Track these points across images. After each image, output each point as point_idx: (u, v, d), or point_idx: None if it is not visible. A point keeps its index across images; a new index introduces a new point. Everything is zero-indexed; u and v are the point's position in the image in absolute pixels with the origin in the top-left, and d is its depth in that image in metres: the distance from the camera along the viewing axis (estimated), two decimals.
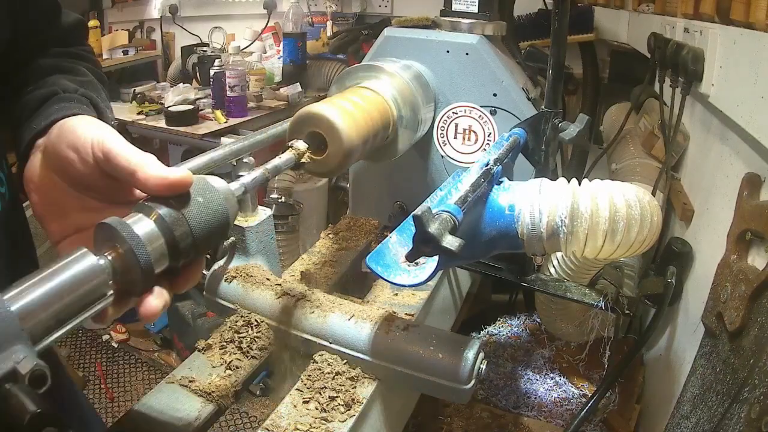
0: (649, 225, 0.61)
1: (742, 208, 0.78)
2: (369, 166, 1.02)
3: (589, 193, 0.61)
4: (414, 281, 0.57)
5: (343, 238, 0.99)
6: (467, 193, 0.56)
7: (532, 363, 1.21)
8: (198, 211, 0.44)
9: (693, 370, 0.84)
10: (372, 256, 0.60)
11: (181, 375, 0.69)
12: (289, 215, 1.57)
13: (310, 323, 0.71)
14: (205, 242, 0.45)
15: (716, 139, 0.99)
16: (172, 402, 0.65)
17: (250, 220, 0.76)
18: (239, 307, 0.75)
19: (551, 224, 0.61)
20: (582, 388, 1.14)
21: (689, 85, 1.05)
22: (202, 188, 0.45)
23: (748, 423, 0.60)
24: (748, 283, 0.70)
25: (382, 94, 0.79)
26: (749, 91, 0.76)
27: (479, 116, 0.90)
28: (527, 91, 0.90)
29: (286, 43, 2.27)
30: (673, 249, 0.99)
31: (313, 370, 0.68)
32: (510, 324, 1.36)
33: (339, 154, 0.65)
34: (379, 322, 0.68)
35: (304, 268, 0.88)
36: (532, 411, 1.09)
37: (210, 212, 0.45)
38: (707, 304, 0.82)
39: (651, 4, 1.42)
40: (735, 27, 0.87)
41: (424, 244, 0.48)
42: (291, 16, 2.24)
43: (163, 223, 0.42)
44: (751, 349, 0.67)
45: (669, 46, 1.11)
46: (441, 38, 0.89)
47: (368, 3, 2.62)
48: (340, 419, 0.62)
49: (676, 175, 1.20)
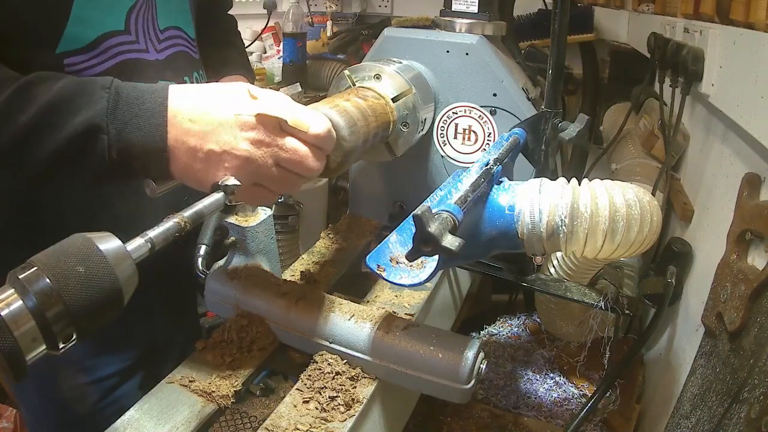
0: (649, 225, 0.61)
1: (742, 208, 0.78)
2: (369, 166, 1.02)
3: (589, 192, 0.61)
4: (414, 281, 0.57)
5: (343, 238, 0.99)
6: (467, 193, 0.56)
7: (532, 363, 1.22)
8: (77, 285, 0.38)
9: (693, 370, 0.84)
10: (372, 256, 0.60)
11: (181, 375, 0.69)
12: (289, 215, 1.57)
13: (310, 323, 0.71)
14: (89, 319, 0.39)
15: (716, 139, 0.99)
16: (172, 402, 0.65)
17: (250, 220, 0.76)
18: (239, 307, 0.75)
19: (551, 224, 0.61)
20: (582, 388, 1.14)
21: (689, 85, 1.05)
22: (85, 255, 0.39)
23: (748, 423, 0.60)
24: (748, 283, 0.70)
25: (382, 94, 0.79)
26: (749, 91, 0.76)
27: (479, 116, 0.90)
28: (527, 91, 0.90)
29: (286, 43, 2.26)
30: (673, 249, 0.99)
31: (313, 370, 0.68)
32: (510, 324, 1.36)
33: (339, 154, 0.65)
34: (379, 322, 0.68)
35: (304, 268, 0.88)
36: (532, 411, 1.09)
37: (93, 285, 0.38)
38: (707, 304, 0.82)
39: (651, 4, 1.42)
40: (735, 27, 0.87)
41: (424, 244, 0.48)
42: (291, 16, 2.23)
43: (31, 301, 0.36)
44: (751, 349, 0.67)
45: (669, 46, 1.11)
46: (441, 38, 0.89)
47: (368, 3, 2.62)
48: (340, 419, 0.62)
49: (676, 175, 1.20)
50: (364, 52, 2.21)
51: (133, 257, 0.43)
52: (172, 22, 0.83)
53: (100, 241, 0.41)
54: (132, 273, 0.42)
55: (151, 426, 0.62)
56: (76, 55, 0.69)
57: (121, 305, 0.42)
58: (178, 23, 0.84)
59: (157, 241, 0.45)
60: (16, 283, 0.37)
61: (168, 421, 0.62)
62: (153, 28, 0.78)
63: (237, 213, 0.76)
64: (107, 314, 0.41)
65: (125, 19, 0.73)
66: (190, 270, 0.81)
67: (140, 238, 0.45)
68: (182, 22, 0.85)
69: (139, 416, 0.63)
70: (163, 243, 0.45)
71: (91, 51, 0.70)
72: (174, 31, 0.83)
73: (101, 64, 0.72)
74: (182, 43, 0.85)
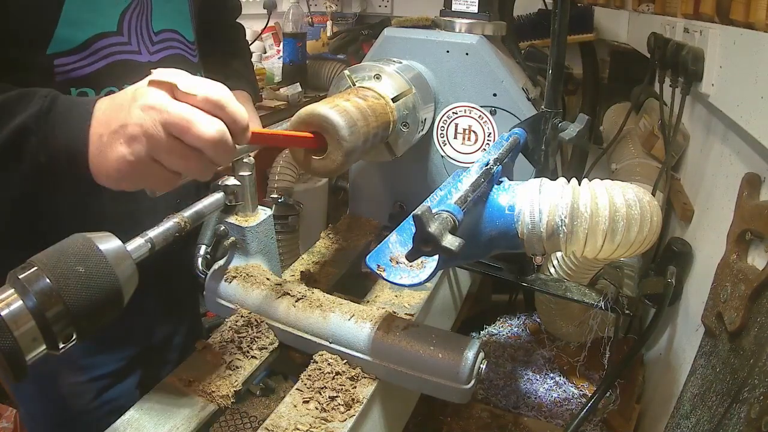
0: (649, 225, 0.61)
1: (742, 208, 0.78)
2: (369, 166, 1.02)
3: (589, 192, 0.61)
4: (414, 281, 0.57)
5: (343, 238, 0.99)
6: (467, 193, 0.56)
7: (532, 363, 1.22)
8: (77, 285, 0.38)
9: (693, 370, 0.84)
10: (372, 256, 0.60)
11: (181, 375, 0.69)
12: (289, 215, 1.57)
13: (310, 323, 0.70)
14: (89, 319, 0.39)
15: (716, 139, 0.99)
16: (172, 402, 0.65)
17: (250, 220, 0.76)
18: (239, 307, 0.75)
19: (551, 224, 0.60)
20: (582, 388, 1.14)
21: (689, 85, 1.05)
22: (84, 255, 0.39)
23: (748, 423, 0.60)
24: (747, 283, 0.70)
25: (382, 94, 0.79)
26: (749, 91, 0.76)
27: (479, 116, 0.90)
28: (527, 91, 0.90)
29: (286, 43, 2.26)
30: (673, 249, 0.99)
31: (313, 370, 0.68)
32: (510, 324, 1.36)
33: (339, 154, 0.65)
34: (379, 322, 0.68)
35: (304, 268, 0.88)
36: (532, 411, 1.09)
37: (93, 285, 0.38)
38: (707, 304, 0.82)
39: (651, 4, 1.42)
40: (735, 27, 0.87)
41: (424, 244, 0.48)
42: (291, 16, 2.23)
43: (31, 301, 0.36)
44: (751, 349, 0.67)
45: (669, 46, 1.11)
46: (441, 38, 0.89)
47: (368, 3, 2.62)
48: (340, 419, 0.62)
49: (676, 175, 1.20)
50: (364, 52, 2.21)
51: (133, 257, 0.43)
52: (167, 25, 0.83)
53: (100, 241, 0.40)
54: (132, 273, 0.42)
55: (151, 426, 0.62)
56: (67, 56, 0.69)
57: (121, 305, 0.42)
58: (175, 26, 0.84)
59: (157, 241, 0.45)
60: (16, 283, 0.37)
61: (168, 421, 0.62)
62: (147, 29, 0.79)
63: (237, 213, 0.76)
64: (107, 314, 0.41)
65: (118, 20, 0.73)
66: (190, 270, 0.81)
67: (140, 238, 0.45)
68: (179, 25, 0.85)
69: (139, 416, 0.63)
70: (163, 243, 0.45)
71: (82, 52, 0.71)
72: (169, 34, 0.83)
73: (92, 65, 0.72)
74: (178, 45, 0.85)
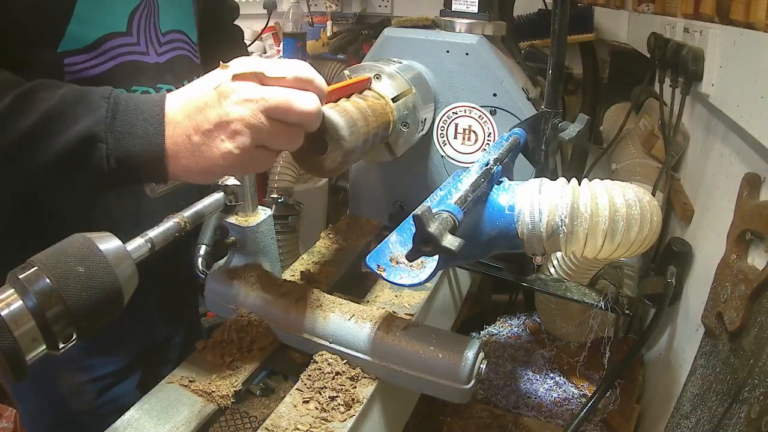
0: (649, 225, 0.61)
1: (742, 208, 0.78)
2: (369, 166, 1.02)
3: (589, 192, 0.61)
4: (414, 281, 0.57)
5: (343, 238, 0.99)
6: (467, 193, 0.56)
7: (532, 363, 1.22)
8: (77, 285, 0.38)
9: (693, 370, 0.84)
10: (372, 256, 0.60)
11: (181, 375, 0.69)
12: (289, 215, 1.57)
13: (310, 323, 0.71)
14: (89, 319, 0.39)
15: (716, 139, 0.99)
16: (172, 402, 0.65)
17: (250, 220, 0.76)
18: (239, 307, 0.75)
19: (551, 224, 0.60)
20: (582, 388, 1.14)
21: (689, 85, 1.05)
22: (85, 255, 0.39)
23: (748, 423, 0.60)
24: (747, 283, 0.70)
25: (382, 94, 0.79)
26: (749, 91, 0.76)
27: (479, 116, 0.90)
28: (527, 91, 0.90)
29: (286, 43, 2.26)
30: (673, 249, 0.99)
31: (313, 370, 0.68)
32: (510, 324, 1.36)
33: (339, 154, 0.65)
34: (379, 322, 0.68)
35: (304, 268, 0.88)
36: (532, 411, 1.09)
37: (93, 285, 0.38)
38: (707, 304, 0.82)
39: (651, 4, 1.42)
40: (735, 27, 0.87)
41: (424, 244, 0.48)
42: (291, 16, 2.23)
43: (31, 301, 0.36)
44: (751, 349, 0.67)
45: (669, 46, 1.11)
46: (441, 38, 0.89)
47: (368, 3, 2.62)
48: (340, 419, 0.62)
49: (676, 175, 1.20)
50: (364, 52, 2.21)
51: (133, 257, 0.43)
52: (174, 26, 0.82)
53: (100, 241, 0.40)
54: (132, 273, 0.42)
55: (151, 426, 0.62)
56: (76, 54, 0.69)
57: (121, 305, 0.42)
58: (181, 27, 0.84)
59: (157, 241, 0.45)
60: (16, 283, 0.37)
61: (168, 421, 0.62)
62: (155, 30, 0.78)
63: (237, 213, 0.76)
64: (107, 314, 0.41)
65: (128, 20, 0.73)
66: (190, 270, 0.81)
67: (140, 238, 0.45)
68: (185, 26, 0.85)
69: (139, 416, 0.63)
70: (163, 243, 0.46)
71: (92, 51, 0.70)
72: (176, 35, 0.83)
73: (101, 65, 0.72)
74: (184, 47, 0.85)
